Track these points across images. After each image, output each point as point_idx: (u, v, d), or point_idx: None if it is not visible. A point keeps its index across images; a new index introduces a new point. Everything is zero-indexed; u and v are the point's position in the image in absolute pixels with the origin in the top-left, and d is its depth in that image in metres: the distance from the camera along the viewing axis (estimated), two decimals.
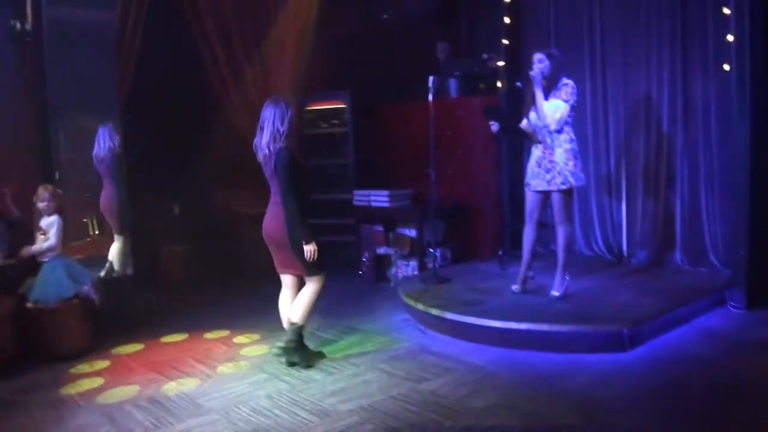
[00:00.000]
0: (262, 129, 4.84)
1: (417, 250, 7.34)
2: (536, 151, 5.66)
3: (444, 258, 7.38)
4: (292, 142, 4.85)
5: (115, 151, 6.70)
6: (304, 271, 4.93)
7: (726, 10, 5.88)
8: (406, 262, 7.36)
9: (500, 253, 7.05)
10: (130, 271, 6.74)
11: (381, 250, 7.60)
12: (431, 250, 6.86)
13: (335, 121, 8.05)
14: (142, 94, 7.25)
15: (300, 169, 4.85)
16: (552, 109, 5.44)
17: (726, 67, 5.98)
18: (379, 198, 7.55)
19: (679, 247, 6.64)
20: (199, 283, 7.72)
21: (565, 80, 5.51)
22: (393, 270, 7.46)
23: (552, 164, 5.53)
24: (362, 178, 7.95)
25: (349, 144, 7.98)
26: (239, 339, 5.76)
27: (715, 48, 6.18)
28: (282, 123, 4.76)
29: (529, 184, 5.74)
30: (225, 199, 8.42)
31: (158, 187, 7.62)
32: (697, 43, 6.37)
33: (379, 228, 7.67)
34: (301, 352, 4.96)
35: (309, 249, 4.76)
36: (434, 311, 5.61)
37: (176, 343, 5.69)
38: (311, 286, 4.96)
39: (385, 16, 8.76)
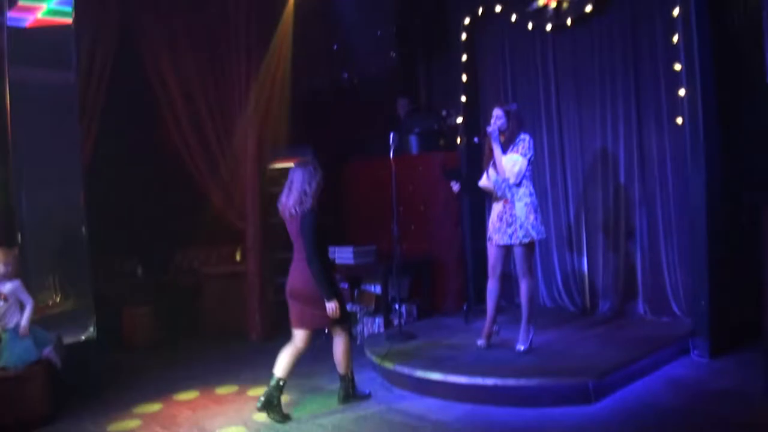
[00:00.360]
0: (289, 189, 5.09)
1: (382, 306, 7.31)
2: (497, 206, 5.73)
3: (409, 314, 7.36)
4: (317, 203, 5.07)
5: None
6: (328, 325, 5.19)
7: (677, 66, 6.08)
8: (371, 319, 7.32)
9: (465, 307, 7.06)
10: (92, 332, 6.60)
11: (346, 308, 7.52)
12: (396, 307, 6.85)
13: None
14: (105, 155, 7.24)
15: (324, 229, 5.12)
16: (510, 163, 5.53)
17: (679, 120, 6.16)
18: (344, 254, 7.53)
19: (641, 297, 6.71)
20: (163, 344, 7.58)
21: (522, 135, 5.62)
22: (359, 327, 7.40)
23: (513, 218, 5.59)
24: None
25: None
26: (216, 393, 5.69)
27: (668, 102, 6.36)
28: (309, 185, 5.02)
29: (491, 239, 5.78)
30: (188, 259, 8.35)
31: (121, 247, 7.54)
32: (651, 98, 6.55)
33: (344, 285, 7.63)
34: (352, 397, 5.37)
35: (331, 306, 4.97)
36: (400, 368, 5.58)
37: (146, 413, 5.50)
38: (338, 339, 5.29)
39: (346, 74, 8.90)
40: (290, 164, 7.90)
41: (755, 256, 5.34)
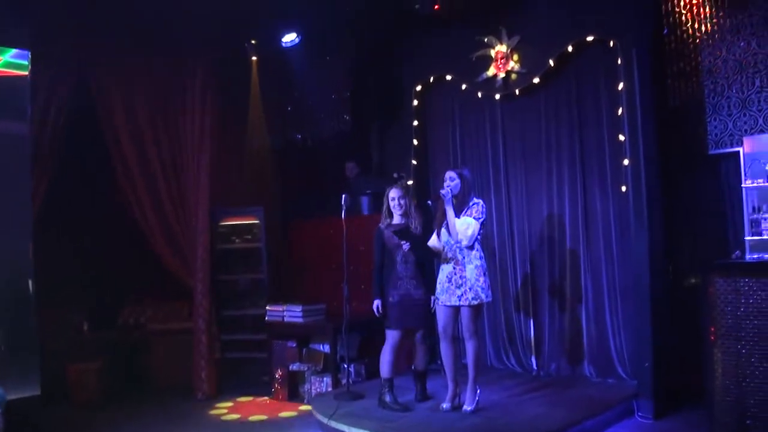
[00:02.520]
0: None
1: (330, 365, 7.27)
2: (447, 267, 5.79)
3: (358, 373, 7.33)
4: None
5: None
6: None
7: (621, 137, 6.34)
8: (319, 379, 7.25)
9: (413, 367, 7.02)
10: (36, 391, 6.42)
11: (294, 367, 7.49)
12: (345, 366, 6.82)
13: (248, 236, 8.06)
14: (56, 207, 7.19)
15: (382, 243, 6.07)
16: (464, 225, 5.63)
17: (623, 189, 6.39)
18: (293, 313, 7.49)
19: (587, 359, 6.81)
20: (109, 401, 7.39)
21: (475, 199, 5.76)
22: (306, 386, 7.33)
23: (463, 280, 5.65)
24: (276, 293, 7.91)
25: (263, 259, 7.97)
26: None
27: (613, 171, 6.59)
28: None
29: (438, 299, 5.84)
30: (136, 315, 8.25)
31: (67, 302, 7.42)
32: (596, 166, 6.77)
33: (292, 344, 7.58)
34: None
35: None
36: (348, 429, 5.53)
37: None
38: None
39: (299, 136, 9.02)
40: (241, 221, 8.08)
41: (696, 320, 5.55)
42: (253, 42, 8.40)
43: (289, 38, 8.06)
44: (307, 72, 8.55)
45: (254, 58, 8.56)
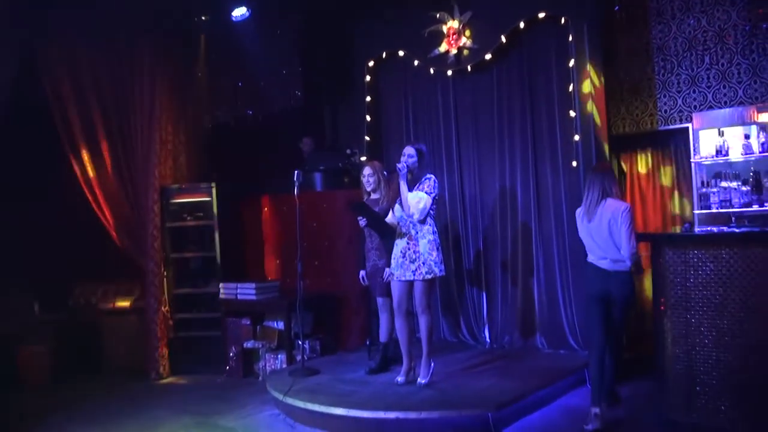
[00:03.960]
0: None
1: (285, 342, 7.20)
2: (401, 242, 5.76)
3: (313, 350, 7.29)
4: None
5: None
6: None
7: (572, 113, 6.36)
8: (274, 356, 7.20)
9: (368, 343, 7.05)
10: None
11: (248, 344, 7.40)
12: (299, 343, 6.77)
13: (200, 214, 7.90)
14: (2, 186, 6.93)
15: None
16: (416, 199, 5.61)
17: (574, 164, 6.44)
18: (246, 291, 7.38)
19: (539, 331, 6.89)
20: (61, 383, 7.21)
21: (428, 175, 5.72)
22: (261, 364, 7.28)
23: (416, 255, 5.65)
24: (229, 271, 7.77)
25: (215, 236, 7.81)
26: None
27: (564, 147, 6.63)
28: None
29: (392, 274, 5.81)
30: (87, 295, 8.04)
31: (18, 283, 7.18)
32: (548, 141, 6.81)
33: (246, 321, 7.49)
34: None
35: None
36: (303, 404, 5.50)
37: None
38: None
39: (250, 112, 8.87)
40: (192, 199, 7.92)
41: (644, 293, 5.63)
42: (203, 17, 8.18)
43: (239, 12, 7.86)
44: (258, 47, 8.37)
45: (203, 32, 8.35)
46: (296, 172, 6.47)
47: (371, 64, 7.90)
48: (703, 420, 4.76)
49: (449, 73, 7.32)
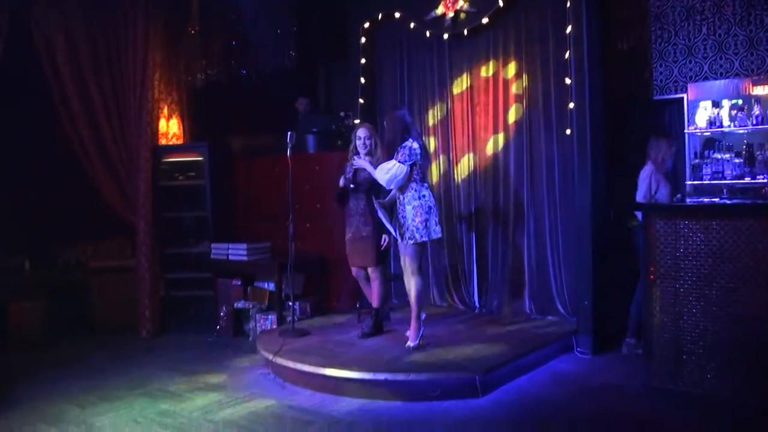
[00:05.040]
0: None
1: (276, 303, 7.24)
2: (397, 206, 5.81)
3: (303, 311, 7.32)
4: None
5: None
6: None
7: (567, 81, 6.30)
8: (264, 316, 7.22)
9: (357, 305, 7.08)
10: None
11: (239, 305, 7.43)
12: (290, 304, 6.78)
13: (192, 173, 7.85)
14: None
15: None
16: (382, 171, 5.65)
17: (568, 131, 6.38)
18: (237, 251, 7.40)
19: (527, 296, 6.90)
20: (52, 341, 7.20)
21: (409, 141, 5.65)
22: (251, 324, 7.30)
23: (403, 220, 5.71)
24: (220, 232, 7.77)
25: (207, 197, 7.79)
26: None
27: (558, 114, 6.57)
28: None
29: (395, 236, 5.87)
30: (77, 253, 8.01)
31: (8, 241, 7.14)
32: (542, 108, 6.73)
33: (237, 282, 7.52)
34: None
35: None
36: (293, 364, 5.52)
37: (32, 410, 5.14)
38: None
39: (244, 72, 8.77)
40: (185, 158, 7.85)
41: (639, 261, 5.64)
42: None
43: None
44: (252, 6, 8.27)
45: None
46: (289, 133, 6.41)
47: (367, 25, 7.79)
48: (689, 388, 4.81)
49: (445, 36, 7.22)
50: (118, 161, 7.48)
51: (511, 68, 6.96)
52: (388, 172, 5.62)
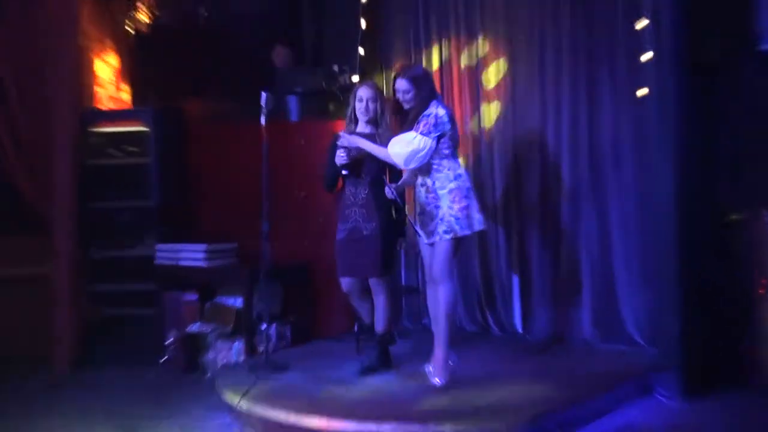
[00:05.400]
0: None
1: (244, 326, 7.17)
2: (420, 195, 5.76)
3: (281, 337, 7.29)
4: None
5: None
6: None
7: (639, 24, 6.17)
8: (228, 344, 7.17)
9: (356, 328, 6.96)
10: None
11: (193, 328, 7.38)
12: (263, 327, 6.67)
13: (132, 149, 7.79)
14: None
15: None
16: (400, 144, 5.55)
17: (641, 92, 6.26)
18: (192, 255, 7.37)
19: (587, 319, 6.83)
20: None
21: (432, 108, 5.59)
22: (210, 355, 7.25)
23: (435, 209, 5.62)
24: (169, 228, 7.73)
25: (153, 180, 7.74)
26: None
27: (628, 69, 6.45)
28: None
29: (420, 235, 5.81)
30: None
31: None
32: (606, 61, 6.65)
33: (192, 297, 7.50)
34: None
35: None
36: (266, 411, 5.42)
37: None
38: None
39: (206, 14, 8.74)
40: (122, 128, 7.74)
41: (744, 269, 5.46)
42: None
43: None
44: None
45: None
46: (264, 94, 6.33)
47: None
48: None
49: None
50: (25, 128, 7.45)
51: (565, 9, 6.85)
52: (409, 144, 5.49)
